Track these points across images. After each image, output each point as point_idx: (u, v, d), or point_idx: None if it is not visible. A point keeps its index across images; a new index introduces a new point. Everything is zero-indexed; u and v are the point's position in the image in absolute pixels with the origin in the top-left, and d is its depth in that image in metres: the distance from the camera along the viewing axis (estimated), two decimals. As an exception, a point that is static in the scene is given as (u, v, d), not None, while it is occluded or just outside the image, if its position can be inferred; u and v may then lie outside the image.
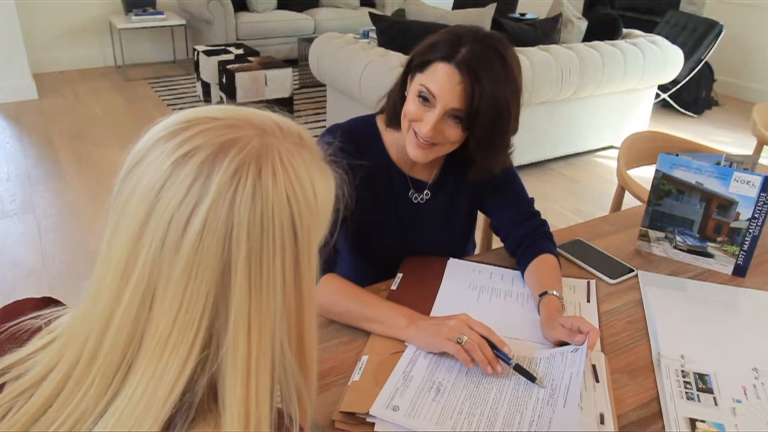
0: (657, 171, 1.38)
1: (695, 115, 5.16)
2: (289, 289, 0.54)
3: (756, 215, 1.30)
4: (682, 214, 1.38)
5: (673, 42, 4.77)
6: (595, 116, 3.95)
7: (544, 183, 3.77)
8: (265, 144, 0.54)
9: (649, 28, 5.02)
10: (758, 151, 2.51)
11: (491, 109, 1.10)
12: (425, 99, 1.13)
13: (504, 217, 1.35)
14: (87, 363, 0.54)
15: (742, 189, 1.30)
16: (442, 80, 1.10)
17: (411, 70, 1.17)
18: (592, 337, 1.02)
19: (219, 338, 0.52)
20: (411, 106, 1.16)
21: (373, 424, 0.91)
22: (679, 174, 1.35)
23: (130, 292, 0.52)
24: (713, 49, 4.93)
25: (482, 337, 1.01)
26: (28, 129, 4.24)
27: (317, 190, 0.56)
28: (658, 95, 4.98)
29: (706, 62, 5.02)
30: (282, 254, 0.53)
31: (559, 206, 3.46)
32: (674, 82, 4.88)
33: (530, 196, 1.38)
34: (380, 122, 1.31)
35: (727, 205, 1.32)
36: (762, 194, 1.28)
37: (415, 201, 1.33)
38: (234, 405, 0.52)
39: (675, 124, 4.96)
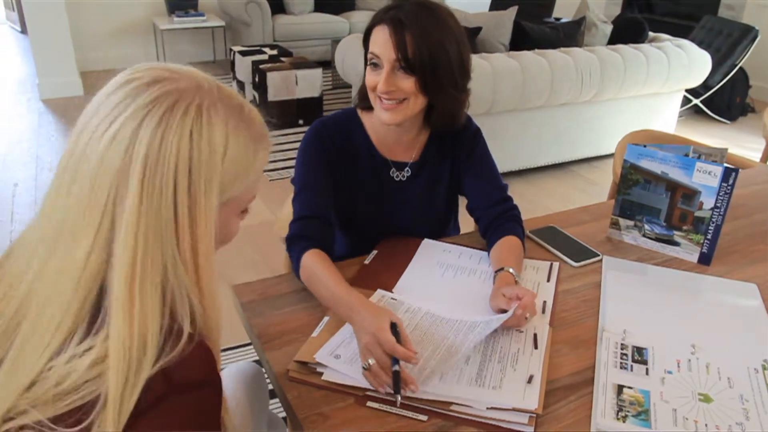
0: (625, 161, 1.44)
1: (729, 122, 5.09)
2: (182, 216, 0.66)
3: (718, 204, 1.35)
4: (650, 203, 1.44)
5: (708, 47, 4.73)
6: (617, 119, 3.96)
7: (564, 184, 3.80)
8: (193, 90, 0.67)
9: (688, 33, 4.98)
10: (767, 153, 2.50)
11: (425, 49, 1.22)
12: (375, 65, 1.27)
13: (478, 200, 1.44)
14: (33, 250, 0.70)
15: (705, 179, 1.35)
16: (378, 40, 1.25)
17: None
18: (526, 299, 1.10)
19: (115, 233, 0.65)
20: (368, 77, 1.29)
21: (321, 374, 1.01)
22: (645, 164, 1.41)
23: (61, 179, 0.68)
24: (748, 54, 4.86)
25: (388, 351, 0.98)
26: (72, 123, 4.40)
27: (229, 147, 0.68)
28: (689, 100, 4.94)
29: (741, 68, 4.94)
30: (174, 182, 0.65)
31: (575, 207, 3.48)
32: (707, 87, 4.84)
33: (504, 182, 1.47)
34: (361, 112, 1.42)
35: (690, 194, 1.38)
36: (723, 184, 1.33)
37: (397, 179, 1.43)
38: (119, 303, 0.64)
39: (706, 130, 4.90)
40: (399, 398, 0.94)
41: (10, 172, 3.73)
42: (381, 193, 1.44)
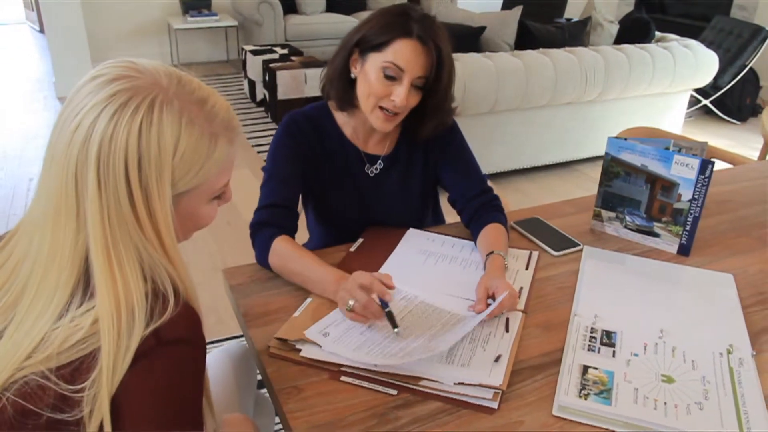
0: (606, 154, 1.47)
1: (739, 123, 5.07)
2: (139, 205, 0.71)
3: (696, 196, 1.38)
4: (630, 195, 1.47)
5: (718, 47, 4.72)
6: (623, 119, 3.97)
7: (568, 183, 3.82)
8: (148, 88, 0.71)
9: (701, 34, 4.97)
10: (764, 151, 2.52)
11: (447, 69, 1.28)
12: (390, 76, 1.27)
13: (459, 192, 1.48)
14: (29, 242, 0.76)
15: (683, 171, 1.38)
16: (407, 54, 1.25)
17: (361, 53, 1.31)
18: (504, 301, 1.14)
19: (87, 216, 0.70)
20: (377, 85, 1.29)
21: (300, 350, 1.06)
22: (626, 157, 1.45)
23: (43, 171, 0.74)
24: (758, 54, 4.85)
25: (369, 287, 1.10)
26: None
27: (180, 142, 0.72)
28: (699, 101, 4.93)
29: (751, 68, 4.93)
30: (126, 175, 0.70)
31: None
32: (716, 87, 4.83)
33: (483, 174, 1.51)
34: (332, 106, 1.45)
35: (669, 186, 1.41)
36: (700, 176, 1.36)
37: (372, 174, 1.47)
38: (102, 276, 0.69)
39: (715, 130, 4.88)
40: (397, 330, 1.08)
41: (25, 167, 3.83)
42: (355, 186, 1.47)
